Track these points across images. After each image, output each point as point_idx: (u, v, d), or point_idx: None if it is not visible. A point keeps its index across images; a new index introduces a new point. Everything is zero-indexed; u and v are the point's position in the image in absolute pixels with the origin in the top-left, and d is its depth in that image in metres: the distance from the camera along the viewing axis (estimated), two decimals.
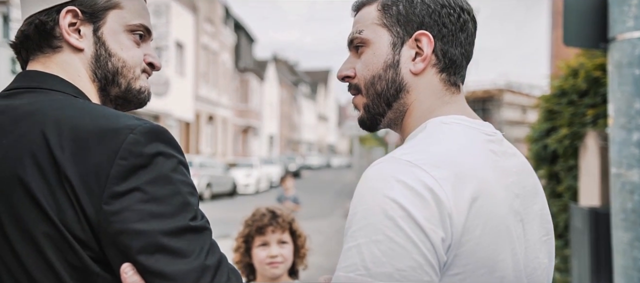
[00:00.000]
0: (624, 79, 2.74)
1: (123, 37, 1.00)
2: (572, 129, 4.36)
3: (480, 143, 0.94)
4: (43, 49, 0.98)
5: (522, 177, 0.98)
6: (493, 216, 0.87)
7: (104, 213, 0.82)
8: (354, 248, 0.82)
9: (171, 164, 0.86)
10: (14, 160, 0.86)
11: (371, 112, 1.03)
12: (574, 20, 2.93)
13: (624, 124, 2.74)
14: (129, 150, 0.84)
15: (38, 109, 0.89)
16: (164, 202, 0.83)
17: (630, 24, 2.72)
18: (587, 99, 4.17)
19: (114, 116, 0.89)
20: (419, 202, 0.81)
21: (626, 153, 2.74)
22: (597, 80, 3.96)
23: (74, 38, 0.97)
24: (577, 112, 4.35)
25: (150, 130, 0.87)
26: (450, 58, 0.99)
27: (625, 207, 2.76)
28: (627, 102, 2.73)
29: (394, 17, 0.99)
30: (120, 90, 1.02)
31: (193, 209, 0.86)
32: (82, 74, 0.99)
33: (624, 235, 2.77)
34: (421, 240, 0.80)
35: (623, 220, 2.78)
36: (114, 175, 0.82)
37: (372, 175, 0.87)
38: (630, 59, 2.72)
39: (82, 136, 0.85)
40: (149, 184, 0.83)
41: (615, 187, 2.82)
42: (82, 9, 0.97)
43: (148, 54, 1.05)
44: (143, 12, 1.03)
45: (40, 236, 0.84)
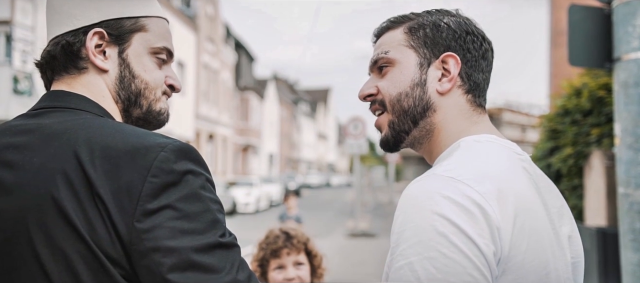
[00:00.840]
0: (631, 99, 2.74)
1: (146, 59, 1.02)
2: (576, 148, 4.35)
3: (514, 162, 0.96)
4: (69, 69, 0.99)
5: (552, 197, 0.99)
6: (535, 231, 0.88)
7: (136, 230, 0.82)
8: (406, 266, 0.82)
9: (200, 182, 0.87)
10: (46, 178, 0.86)
11: (396, 129, 1.04)
12: (579, 40, 2.95)
13: (631, 143, 2.74)
14: (160, 168, 0.85)
15: (69, 128, 0.90)
16: (194, 219, 0.84)
17: (636, 44, 2.74)
18: (591, 119, 4.17)
19: (143, 134, 0.90)
20: (468, 217, 0.82)
21: (634, 173, 2.73)
22: (601, 100, 3.97)
23: (100, 59, 0.98)
24: (580, 132, 4.35)
25: (180, 148, 0.88)
26: (474, 81, 1.02)
27: (634, 227, 2.74)
28: (634, 122, 2.73)
29: (421, 40, 1.02)
30: (141, 111, 1.03)
31: (222, 226, 0.87)
32: (106, 94, 1.00)
33: (634, 256, 2.74)
34: (475, 255, 0.80)
35: (632, 241, 2.76)
36: (146, 193, 0.83)
37: (415, 192, 0.87)
38: (636, 78, 2.73)
39: (114, 154, 0.85)
40: (180, 201, 0.84)
41: (623, 207, 2.80)
42: (108, 31, 0.98)
43: (169, 76, 1.06)
44: (166, 35, 1.05)
45: (72, 255, 0.84)
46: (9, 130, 0.94)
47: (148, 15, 1.02)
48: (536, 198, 0.93)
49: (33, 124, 0.94)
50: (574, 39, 2.94)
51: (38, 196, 0.86)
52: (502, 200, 0.85)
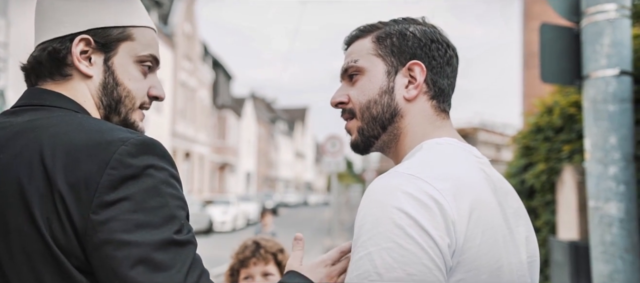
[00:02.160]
0: (599, 115, 2.83)
1: (132, 67, 1.04)
2: (548, 165, 4.45)
3: (472, 163, 1.01)
4: (54, 75, 1.00)
5: (509, 198, 1.05)
6: (490, 226, 0.93)
7: (91, 222, 0.83)
8: (365, 256, 0.86)
9: (161, 176, 0.88)
10: (9, 177, 0.87)
11: (365, 135, 1.08)
12: (550, 58, 3.04)
13: (600, 158, 2.83)
14: (119, 160, 0.85)
15: (37, 126, 0.91)
16: (151, 213, 0.84)
17: (604, 62, 2.84)
18: (562, 135, 4.28)
19: (108, 129, 0.91)
20: (425, 211, 0.86)
21: (603, 186, 2.81)
22: (571, 116, 4.08)
23: (84, 65, 1.00)
24: (553, 148, 4.45)
25: (142, 142, 0.89)
26: (439, 87, 1.07)
27: (604, 239, 2.81)
28: (603, 137, 2.82)
29: (388, 48, 1.07)
30: (119, 119, 1.04)
31: (179, 222, 0.87)
32: (88, 100, 1.01)
33: (604, 268, 2.81)
34: (430, 246, 0.85)
35: (602, 253, 2.83)
36: (103, 185, 0.83)
37: (377, 188, 0.92)
38: (604, 95, 2.82)
39: (75, 149, 0.86)
40: (138, 195, 0.84)
41: (593, 220, 2.88)
42: (95, 39, 1.00)
43: (153, 86, 1.08)
44: (153, 43, 1.07)
45: (30, 249, 0.85)
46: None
47: (135, 24, 1.04)
48: (492, 197, 0.98)
49: (5, 122, 0.95)
50: (545, 57, 3.03)
51: (1, 193, 0.87)
52: (459, 196, 0.90)
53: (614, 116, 2.79)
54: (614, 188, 2.77)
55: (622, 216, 2.76)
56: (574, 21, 3.05)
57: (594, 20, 2.88)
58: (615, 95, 2.80)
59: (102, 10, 1.01)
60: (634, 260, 2.76)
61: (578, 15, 3.01)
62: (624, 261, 2.76)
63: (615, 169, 2.78)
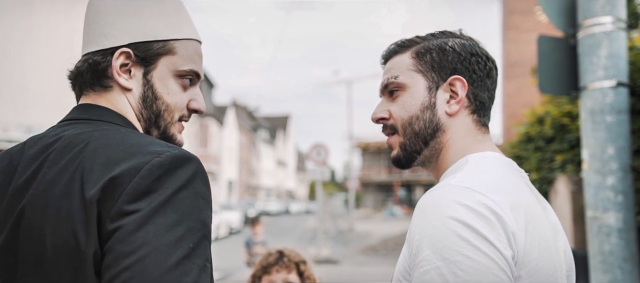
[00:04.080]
0: (597, 126, 2.87)
1: (171, 81, 1.03)
2: (540, 174, 4.50)
3: (517, 177, 1.02)
4: (94, 86, 1.01)
5: (548, 211, 1.05)
6: (544, 239, 0.93)
7: (106, 228, 0.80)
8: (433, 270, 0.85)
9: (187, 194, 0.84)
10: (54, 190, 0.86)
11: (408, 150, 1.09)
12: (547, 69, 3.08)
13: (598, 168, 2.86)
14: (150, 170, 0.83)
15: (83, 140, 0.91)
16: (164, 233, 0.79)
17: (601, 73, 2.88)
18: (554, 145, 4.33)
19: (148, 143, 0.89)
20: (485, 223, 0.86)
21: (601, 196, 2.84)
22: (563, 127, 4.13)
23: (124, 78, 1.00)
24: (544, 158, 4.50)
25: (178, 157, 0.87)
26: (480, 101, 1.08)
27: (603, 249, 2.84)
28: (601, 148, 2.85)
29: (428, 64, 1.08)
30: (159, 132, 1.04)
31: (188, 247, 0.80)
32: (129, 112, 1.01)
33: (603, 277, 2.83)
34: (497, 256, 0.85)
35: (601, 263, 2.85)
36: (128, 192, 0.81)
37: (433, 201, 0.91)
38: (602, 106, 2.86)
39: (113, 161, 0.85)
40: (155, 209, 0.81)
41: (592, 230, 2.91)
42: (135, 53, 0.99)
43: (193, 99, 1.06)
44: (195, 57, 1.05)
45: (66, 262, 0.83)
46: (36, 141, 0.97)
47: (178, 38, 1.03)
48: (541, 211, 0.99)
49: (57, 133, 0.95)
50: (543, 68, 3.07)
51: (46, 208, 0.86)
52: (514, 209, 0.90)
53: (612, 127, 2.83)
54: (612, 198, 2.81)
55: (621, 226, 2.79)
56: (570, 33, 3.09)
57: (590, 32, 2.92)
58: (613, 106, 2.84)
59: (144, 24, 1.01)
60: (633, 270, 2.79)
61: (575, 27, 3.05)
62: (623, 271, 2.79)
63: (613, 179, 2.81)
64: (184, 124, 1.08)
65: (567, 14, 3.08)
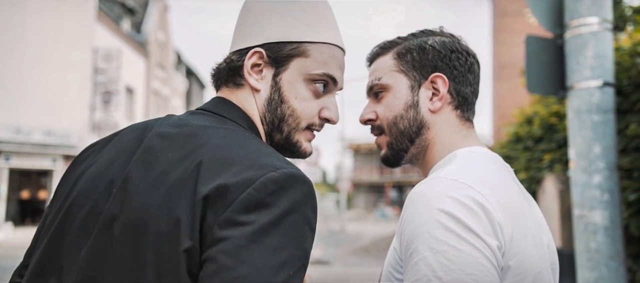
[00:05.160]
0: (584, 125, 2.90)
1: (301, 85, 1.00)
2: (529, 174, 4.54)
3: (504, 172, 1.04)
4: (228, 83, 1.03)
5: (533, 206, 1.08)
6: (529, 232, 0.96)
7: (212, 234, 0.78)
8: (421, 261, 0.88)
9: (296, 219, 0.81)
10: (171, 175, 0.85)
11: (395, 148, 1.12)
12: (535, 69, 3.11)
13: (585, 167, 2.89)
14: (265, 184, 0.80)
15: (207, 133, 0.91)
16: (263, 253, 0.77)
17: (587, 73, 2.91)
18: (542, 145, 4.37)
19: (267, 154, 0.87)
20: (471, 215, 0.88)
21: (588, 195, 2.87)
22: (552, 126, 4.16)
23: (254, 78, 1.00)
24: (533, 158, 4.54)
25: (292, 176, 0.83)
26: (462, 96, 1.10)
27: (589, 247, 2.87)
28: (588, 147, 2.88)
29: (410, 63, 1.10)
30: (281, 137, 1.01)
31: (288, 274, 0.78)
32: (255, 113, 1.01)
33: (590, 275, 2.87)
34: (483, 246, 0.87)
35: (588, 260, 2.88)
36: (240, 202, 0.79)
37: (422, 192, 0.93)
38: (588, 106, 2.89)
39: (230, 162, 0.84)
40: (264, 228, 0.78)
41: (578, 228, 2.94)
42: (268, 53, 0.99)
43: (326, 108, 1.03)
44: (330, 62, 1.01)
45: (162, 251, 0.80)
46: (168, 121, 0.97)
47: (313, 40, 1.00)
48: (526, 205, 1.01)
49: (185, 121, 0.95)
50: (531, 68, 3.09)
51: (158, 189, 0.84)
52: (501, 201, 0.92)
53: (598, 126, 2.86)
54: (599, 196, 2.84)
55: (607, 224, 2.82)
56: (557, 33, 3.13)
57: (577, 32, 2.95)
58: (599, 106, 2.87)
59: (280, 25, 0.99)
60: (618, 267, 2.82)
61: (562, 28, 3.08)
62: (609, 268, 2.82)
63: (600, 178, 2.84)
64: (316, 133, 1.04)
65: (555, 15, 3.11)
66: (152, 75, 28.26)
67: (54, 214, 0.97)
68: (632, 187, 2.96)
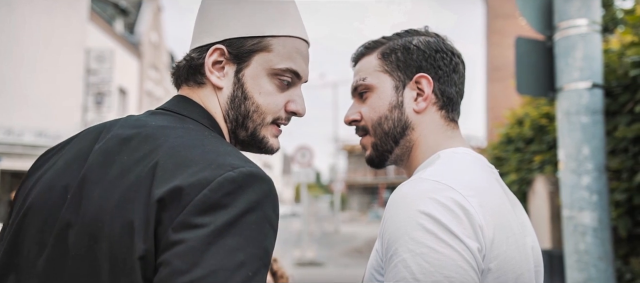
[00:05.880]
0: (573, 126, 2.91)
1: (264, 80, 0.98)
2: (519, 175, 4.55)
3: (488, 173, 1.03)
4: (188, 81, 1.00)
5: (517, 208, 1.07)
6: (511, 234, 0.95)
7: (167, 237, 0.76)
8: (400, 263, 0.87)
9: (255, 218, 0.79)
10: (125, 180, 0.82)
11: (379, 149, 1.11)
12: (524, 71, 3.11)
13: (574, 168, 2.90)
14: (221, 184, 0.78)
15: (164, 134, 0.88)
16: (225, 256, 0.75)
17: (576, 75, 2.92)
18: (533, 146, 4.38)
19: (225, 153, 0.84)
20: (452, 217, 0.88)
21: (577, 196, 2.88)
22: (542, 128, 4.18)
23: (215, 76, 0.97)
24: (524, 159, 4.55)
25: (250, 174, 0.81)
26: (447, 96, 1.09)
27: (578, 248, 2.88)
28: (576, 148, 2.89)
29: (394, 64, 1.09)
30: (246, 134, 1.00)
31: (247, 275, 0.76)
32: (218, 111, 0.98)
33: (579, 276, 2.87)
34: (462, 248, 0.86)
35: (576, 261, 2.89)
36: (195, 204, 0.76)
37: (403, 194, 0.92)
38: (577, 107, 2.90)
39: (186, 163, 0.81)
40: (220, 229, 0.76)
41: (567, 229, 2.94)
42: (229, 50, 0.97)
43: (291, 101, 1.01)
44: (294, 55, 1.00)
45: (117, 257, 0.78)
46: (126, 122, 0.94)
47: (275, 34, 0.98)
48: (509, 207, 1.00)
49: (142, 122, 0.93)
50: (521, 69, 3.10)
51: (113, 193, 0.82)
52: (483, 203, 0.92)
53: (587, 127, 2.87)
54: (588, 197, 2.85)
55: (596, 225, 2.83)
56: (547, 35, 3.14)
57: (566, 34, 2.96)
58: (588, 107, 2.88)
59: (240, 20, 0.97)
60: (607, 268, 2.83)
61: (551, 29, 3.09)
62: (598, 269, 2.83)
63: (589, 179, 2.85)
64: (282, 128, 1.03)
65: (544, 16, 3.12)
66: (145, 76, 28.16)
67: (10, 224, 0.94)
68: (620, 188, 2.97)
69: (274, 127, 1.01)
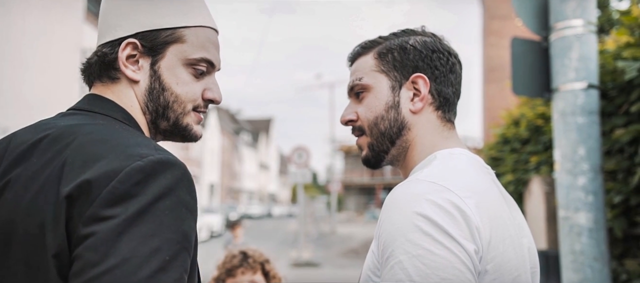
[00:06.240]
0: (569, 127, 2.91)
1: (181, 71, 0.99)
2: (516, 175, 4.55)
3: (484, 174, 1.03)
4: (102, 78, 0.99)
5: (513, 209, 1.07)
6: (508, 235, 0.94)
7: (78, 232, 0.77)
8: (397, 265, 0.86)
9: (169, 203, 0.79)
10: (34, 182, 0.83)
11: (376, 150, 1.10)
12: (520, 71, 3.11)
13: (569, 169, 2.90)
14: (129, 175, 0.79)
15: (73, 132, 0.88)
16: (138, 243, 0.75)
17: (572, 75, 2.92)
18: (529, 147, 4.38)
19: (134, 144, 0.85)
20: (449, 219, 0.87)
21: (573, 196, 2.88)
22: (538, 128, 4.18)
23: (131, 70, 0.98)
24: (520, 159, 4.56)
25: (160, 162, 0.82)
26: (444, 96, 1.09)
27: (574, 249, 2.88)
28: (572, 149, 2.89)
29: (390, 63, 1.08)
30: (168, 124, 1.01)
31: (163, 259, 0.76)
32: (134, 104, 0.99)
33: (574, 276, 2.87)
34: (459, 250, 0.86)
35: (572, 262, 2.89)
36: (104, 197, 0.77)
37: (400, 195, 0.92)
38: (573, 108, 2.90)
39: (94, 158, 0.81)
40: (132, 218, 0.76)
41: (563, 230, 2.94)
42: (142, 43, 0.97)
43: (208, 89, 1.03)
44: (207, 45, 1.02)
45: (31, 259, 0.80)
46: (36, 127, 0.94)
47: (187, 25, 0.99)
48: (505, 208, 1.00)
49: (52, 124, 0.92)
50: (517, 70, 3.10)
51: (24, 197, 0.84)
52: (480, 204, 0.91)
53: (583, 128, 2.87)
54: (583, 198, 2.85)
55: (591, 226, 2.83)
56: (542, 35, 3.14)
57: (562, 35, 2.96)
58: (584, 107, 2.88)
59: (151, 12, 0.98)
60: (602, 269, 2.83)
61: (547, 30, 3.09)
62: (593, 270, 2.83)
63: (584, 180, 2.85)
64: (202, 116, 1.04)
65: (540, 17, 3.12)
66: None
67: None
68: (616, 189, 2.97)
69: (195, 114, 1.03)
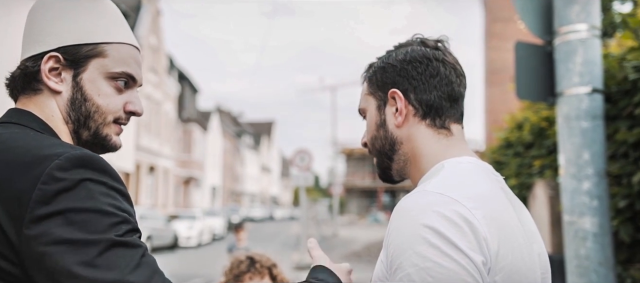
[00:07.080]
0: (573, 131, 2.90)
1: (102, 83, 1.05)
2: (519, 179, 4.54)
3: (493, 182, 1.03)
4: (26, 91, 1.04)
5: (524, 216, 1.07)
6: (517, 245, 0.95)
7: (25, 237, 0.83)
8: (405, 277, 0.88)
9: (98, 189, 0.87)
10: None
11: (380, 167, 1.16)
12: (524, 75, 3.11)
13: (574, 173, 2.89)
14: (51, 175, 0.85)
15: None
16: (84, 227, 0.83)
17: (576, 79, 2.92)
18: (533, 151, 4.37)
19: (48, 145, 0.91)
20: (456, 230, 0.88)
21: (578, 201, 2.88)
22: (542, 132, 4.17)
23: (53, 82, 1.03)
24: (523, 163, 4.55)
25: (77, 157, 0.88)
26: (426, 103, 1.08)
27: (579, 253, 2.87)
28: (577, 153, 2.89)
29: (375, 84, 1.14)
30: (89, 133, 1.06)
31: (118, 227, 0.86)
32: (56, 114, 1.04)
33: (579, 281, 2.86)
34: (467, 263, 0.87)
35: (577, 267, 2.88)
36: (36, 200, 0.83)
37: (408, 207, 0.93)
38: (577, 112, 2.90)
39: (12, 165, 0.87)
40: (71, 208, 0.84)
41: (568, 235, 2.94)
42: (64, 56, 1.02)
43: (129, 102, 1.09)
44: (129, 60, 1.08)
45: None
46: None
47: (109, 41, 1.06)
48: (514, 216, 1.00)
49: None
50: (520, 74, 3.10)
51: None
52: (488, 215, 0.92)
53: (587, 132, 2.87)
54: (588, 203, 2.84)
55: (596, 230, 2.82)
56: (546, 40, 3.13)
57: (566, 39, 2.96)
58: (588, 112, 2.88)
59: (74, 28, 1.04)
60: (608, 274, 2.82)
61: (551, 34, 3.09)
62: (598, 274, 2.82)
63: (589, 184, 2.84)
64: (123, 127, 1.10)
65: (544, 21, 3.12)
66: (144, 80, 28.04)
67: None
68: (621, 193, 2.96)
69: (116, 125, 1.08)
